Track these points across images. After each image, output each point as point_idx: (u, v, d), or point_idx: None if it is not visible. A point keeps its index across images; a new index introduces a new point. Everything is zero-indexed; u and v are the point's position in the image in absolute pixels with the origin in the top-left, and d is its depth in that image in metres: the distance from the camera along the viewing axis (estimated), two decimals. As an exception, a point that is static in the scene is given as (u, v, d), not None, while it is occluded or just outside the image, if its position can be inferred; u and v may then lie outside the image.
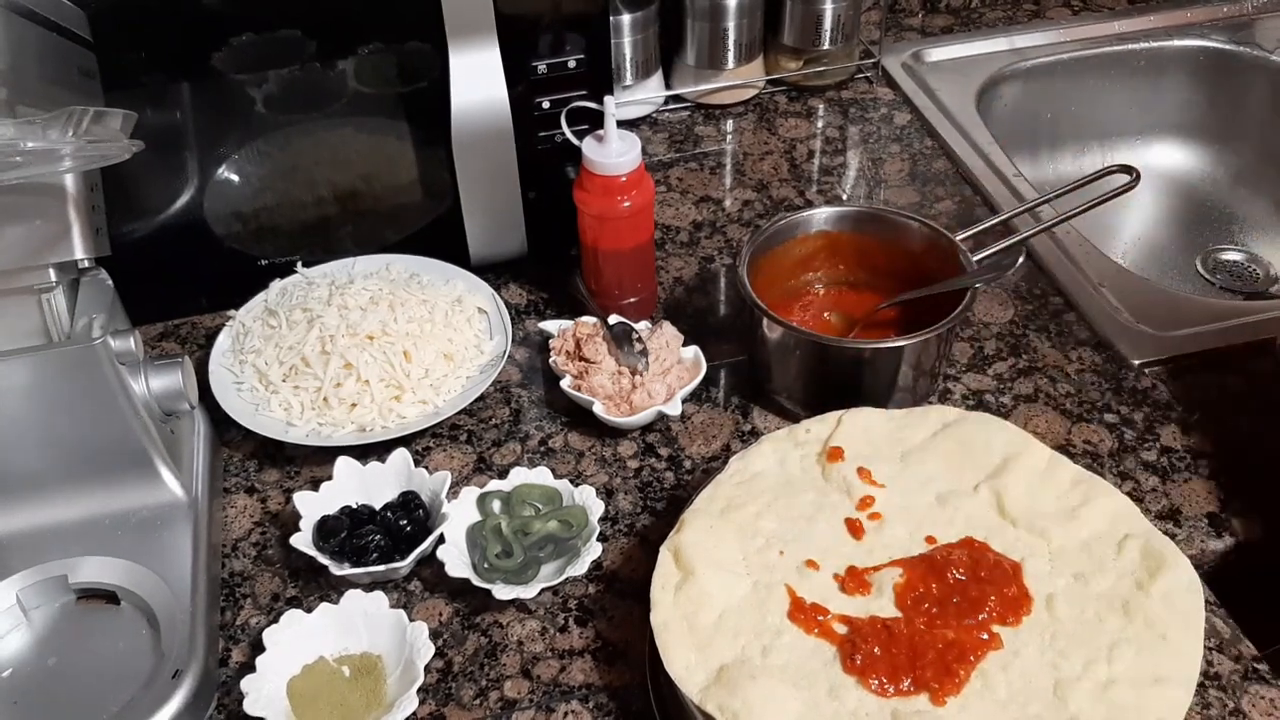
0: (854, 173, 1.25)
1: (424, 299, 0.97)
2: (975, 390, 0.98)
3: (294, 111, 0.98)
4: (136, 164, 0.74)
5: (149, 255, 0.98)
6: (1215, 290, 1.33)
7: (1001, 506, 0.78)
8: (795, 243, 1.00)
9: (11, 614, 0.79)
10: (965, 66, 1.38)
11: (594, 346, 0.95)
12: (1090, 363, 1.00)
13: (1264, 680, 0.76)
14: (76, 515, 0.82)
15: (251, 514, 0.90)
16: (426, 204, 1.05)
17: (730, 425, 0.96)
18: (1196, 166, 1.46)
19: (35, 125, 0.68)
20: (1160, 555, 0.74)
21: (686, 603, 0.73)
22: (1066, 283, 1.07)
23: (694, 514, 0.78)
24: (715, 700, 0.68)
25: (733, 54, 1.29)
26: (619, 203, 0.94)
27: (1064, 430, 0.94)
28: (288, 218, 1.04)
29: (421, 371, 0.93)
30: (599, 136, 0.93)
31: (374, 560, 0.82)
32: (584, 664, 0.79)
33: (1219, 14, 1.45)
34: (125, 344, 0.79)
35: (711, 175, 1.25)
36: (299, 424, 0.91)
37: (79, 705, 0.74)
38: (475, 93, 0.96)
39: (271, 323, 0.97)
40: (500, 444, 0.94)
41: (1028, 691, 0.68)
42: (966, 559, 0.74)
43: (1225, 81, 1.42)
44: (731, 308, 1.09)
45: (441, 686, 0.78)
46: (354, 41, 0.94)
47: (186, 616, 0.77)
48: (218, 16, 0.91)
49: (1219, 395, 0.97)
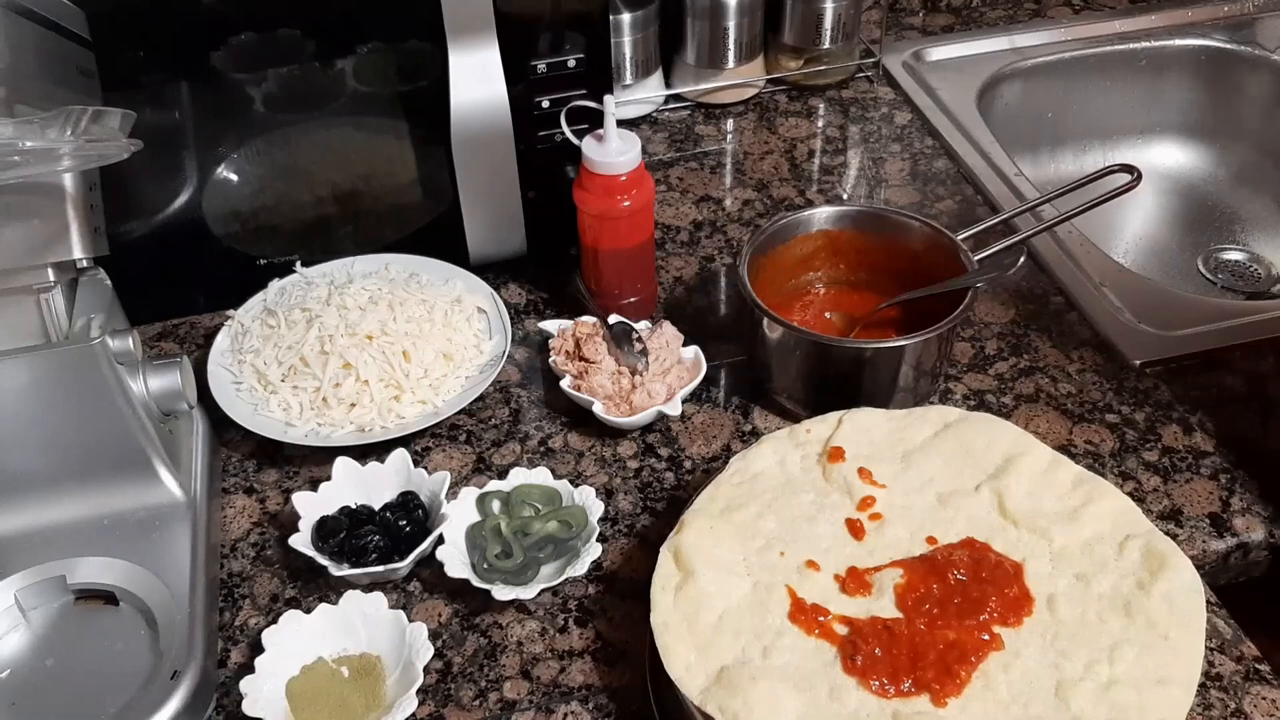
0: (854, 172, 1.25)
1: (423, 299, 0.97)
2: (976, 390, 0.98)
3: (293, 111, 0.98)
4: (135, 163, 0.73)
5: (148, 255, 0.98)
6: (1217, 290, 1.33)
7: (1003, 507, 0.78)
8: (796, 242, 1.00)
9: (10, 614, 0.79)
10: (966, 65, 1.38)
11: (594, 346, 0.95)
12: (1091, 362, 1.00)
13: (1265, 681, 0.76)
14: (75, 515, 0.81)
15: (250, 514, 0.90)
16: (426, 203, 1.05)
17: (730, 425, 0.95)
18: (1198, 166, 1.45)
19: (34, 124, 0.68)
20: (1162, 555, 0.74)
21: (687, 603, 0.73)
22: (1068, 282, 1.07)
23: (694, 514, 0.78)
24: (715, 701, 0.67)
25: (733, 53, 1.29)
26: (619, 202, 0.94)
27: (1065, 430, 0.94)
28: (287, 217, 1.03)
29: (421, 371, 0.93)
30: (599, 136, 0.93)
31: (373, 561, 0.82)
32: (584, 665, 0.78)
33: (1220, 13, 1.45)
34: (124, 344, 0.79)
35: (712, 175, 1.24)
36: (298, 424, 0.91)
37: (77, 706, 0.74)
38: (475, 92, 0.95)
39: (270, 323, 0.97)
40: (500, 444, 0.94)
41: (1029, 692, 0.68)
42: (968, 559, 0.74)
43: (1226, 81, 1.42)
44: (731, 307, 1.09)
45: (441, 687, 0.77)
46: (353, 40, 0.94)
47: (185, 617, 0.77)
48: (217, 16, 0.91)
49: (1220, 395, 0.97)
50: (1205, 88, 1.43)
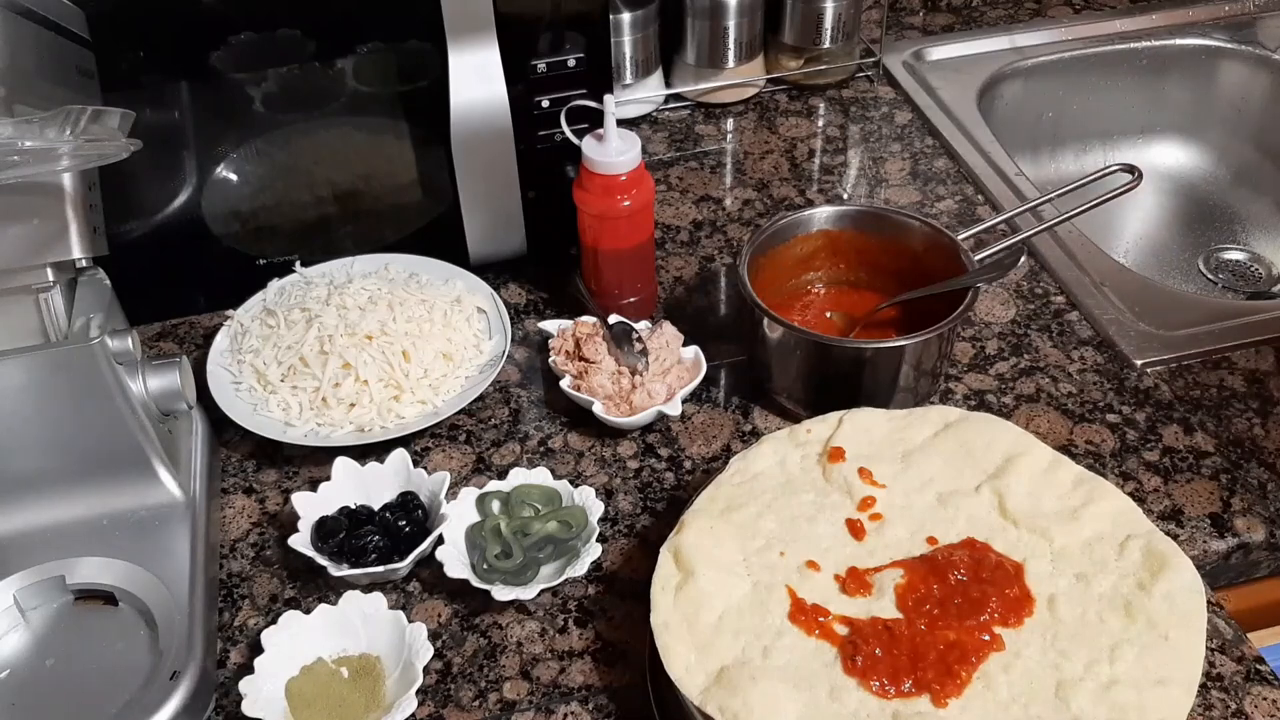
0: (855, 172, 1.25)
1: (423, 299, 0.97)
2: (977, 390, 0.97)
3: (293, 110, 0.98)
4: (135, 163, 0.73)
5: (147, 255, 0.98)
6: (1217, 290, 1.33)
7: (1003, 507, 0.78)
8: (796, 242, 0.99)
9: (9, 615, 0.79)
10: (966, 65, 1.38)
11: (594, 346, 0.95)
12: (1092, 362, 1.00)
13: (1266, 681, 0.76)
14: (74, 515, 0.81)
15: (250, 514, 0.89)
16: (426, 203, 1.05)
17: (730, 425, 0.95)
18: (1198, 165, 1.45)
19: (33, 124, 0.68)
20: (1162, 556, 0.73)
21: (687, 603, 0.73)
22: (1068, 282, 1.07)
23: (694, 514, 0.78)
24: (715, 701, 0.67)
25: (733, 53, 1.29)
26: (619, 202, 0.94)
27: (1066, 430, 0.93)
28: (286, 217, 1.03)
29: (420, 371, 0.93)
30: (599, 135, 0.93)
31: (373, 561, 0.82)
32: (584, 665, 0.78)
33: (1220, 12, 1.45)
34: (123, 344, 0.79)
35: (712, 174, 1.24)
36: (297, 424, 0.91)
37: (77, 706, 0.74)
38: (475, 92, 0.95)
39: (270, 322, 0.97)
40: (499, 444, 0.94)
41: (1029, 692, 0.67)
42: (968, 560, 0.74)
43: (1227, 80, 1.42)
44: (732, 307, 1.09)
45: (440, 688, 0.77)
46: (353, 40, 0.94)
47: (184, 617, 0.76)
48: (217, 16, 0.90)
49: (1221, 395, 0.97)
50: (1206, 87, 1.43)
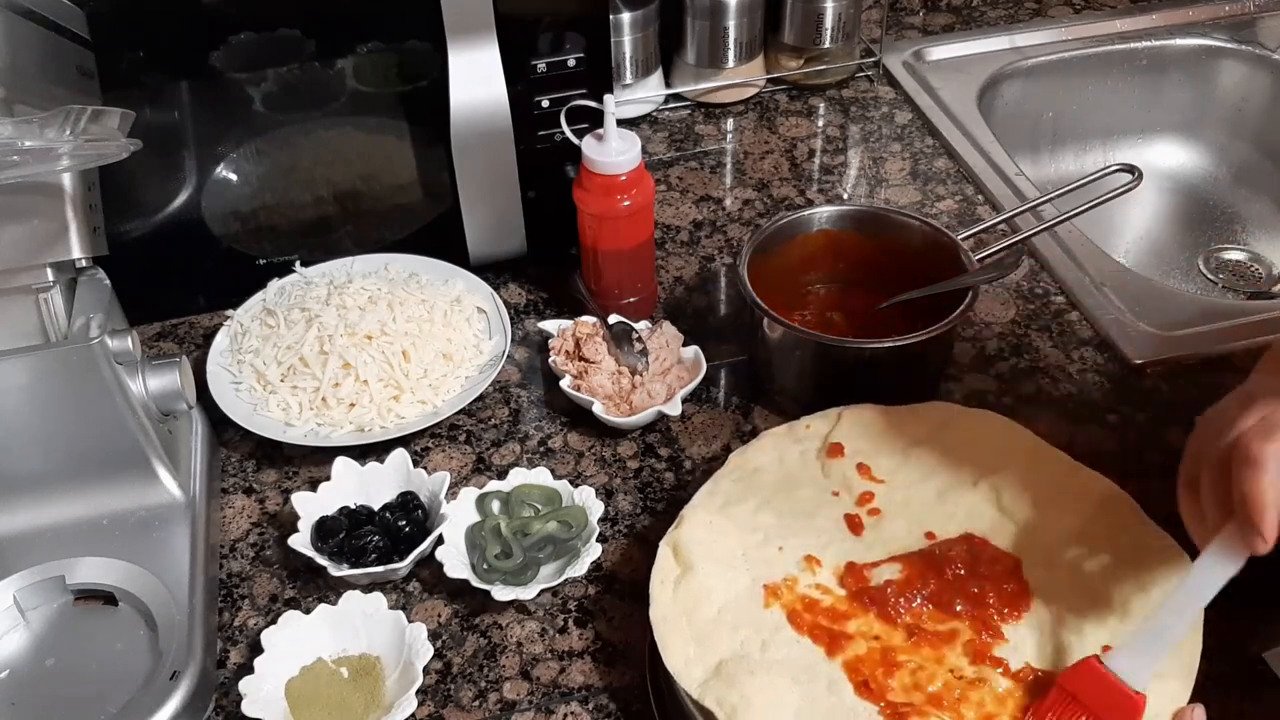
0: (855, 172, 1.25)
1: (423, 299, 0.97)
2: (977, 390, 0.97)
3: (293, 110, 0.98)
4: (134, 163, 0.73)
5: (147, 255, 0.98)
6: (1218, 290, 1.33)
7: (1001, 503, 0.78)
8: (796, 242, 0.99)
9: (9, 615, 0.79)
10: (966, 65, 1.38)
11: (594, 346, 0.95)
12: (1092, 363, 1.00)
13: (1266, 681, 0.76)
14: (74, 515, 0.81)
15: (249, 514, 0.89)
16: (425, 203, 1.05)
17: (731, 425, 0.95)
18: (1198, 165, 1.45)
19: (33, 124, 0.68)
20: (1160, 552, 0.74)
21: (685, 598, 0.73)
22: (1068, 282, 1.07)
23: (693, 509, 0.78)
24: (714, 694, 0.67)
25: (733, 53, 1.29)
26: (619, 202, 0.94)
27: (1066, 430, 0.93)
28: (286, 217, 1.03)
29: (420, 371, 0.93)
30: (599, 135, 0.93)
31: (372, 561, 0.82)
32: (583, 665, 0.78)
33: (1221, 12, 1.45)
34: (123, 344, 0.79)
35: (712, 174, 1.24)
36: (297, 424, 0.91)
37: (77, 706, 0.74)
38: (474, 92, 0.95)
39: (270, 322, 0.97)
40: (499, 444, 0.94)
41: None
42: (966, 555, 0.74)
43: (1227, 80, 1.42)
44: (732, 307, 1.09)
45: (440, 688, 0.77)
46: (353, 40, 0.94)
47: (184, 617, 0.76)
48: (216, 15, 0.91)
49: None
50: (1205, 87, 1.43)
